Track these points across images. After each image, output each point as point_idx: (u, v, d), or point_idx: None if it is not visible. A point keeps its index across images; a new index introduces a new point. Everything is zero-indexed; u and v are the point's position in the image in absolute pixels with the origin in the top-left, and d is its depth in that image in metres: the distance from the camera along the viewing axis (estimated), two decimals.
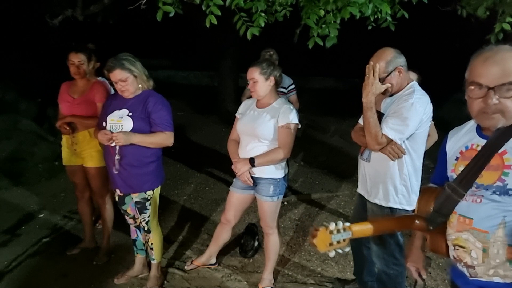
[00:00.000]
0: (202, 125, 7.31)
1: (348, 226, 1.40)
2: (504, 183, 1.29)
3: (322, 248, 1.36)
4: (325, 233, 1.36)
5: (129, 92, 2.61)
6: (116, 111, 2.63)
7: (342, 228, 1.37)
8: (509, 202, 1.28)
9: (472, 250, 1.35)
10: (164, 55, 11.68)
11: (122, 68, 2.54)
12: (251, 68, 2.67)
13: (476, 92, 1.30)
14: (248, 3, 2.57)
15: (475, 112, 1.34)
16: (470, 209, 1.36)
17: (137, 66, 2.60)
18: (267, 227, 2.86)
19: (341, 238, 1.36)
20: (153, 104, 2.60)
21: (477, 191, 1.35)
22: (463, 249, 1.38)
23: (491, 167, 1.33)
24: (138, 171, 2.64)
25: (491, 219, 1.31)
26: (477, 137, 1.43)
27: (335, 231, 1.36)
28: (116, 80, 2.56)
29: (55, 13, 4.34)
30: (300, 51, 3.21)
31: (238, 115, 2.88)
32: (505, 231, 1.28)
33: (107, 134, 2.52)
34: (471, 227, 1.35)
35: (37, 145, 5.65)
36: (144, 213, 2.75)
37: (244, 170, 2.65)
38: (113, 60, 2.57)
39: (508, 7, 2.95)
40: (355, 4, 2.45)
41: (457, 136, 1.54)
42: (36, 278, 3.00)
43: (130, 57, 2.61)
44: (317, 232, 1.37)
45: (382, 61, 2.21)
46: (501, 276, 1.32)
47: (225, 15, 2.57)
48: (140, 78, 2.62)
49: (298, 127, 2.69)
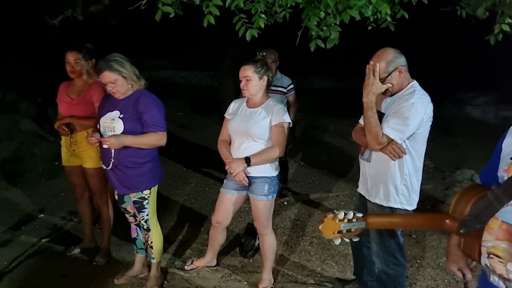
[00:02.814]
0: (202, 125, 7.31)
1: (361, 216, 1.39)
2: None
3: (327, 234, 1.37)
4: (333, 220, 1.36)
5: (120, 93, 2.61)
6: (108, 113, 2.63)
7: (354, 217, 1.36)
8: None
9: (509, 262, 1.24)
10: (164, 55, 11.69)
11: (110, 69, 2.53)
12: (245, 66, 2.68)
13: None
14: (248, 4, 2.57)
15: None
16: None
17: (126, 67, 2.59)
18: (262, 227, 2.85)
19: (352, 227, 1.36)
20: (144, 104, 2.59)
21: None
22: (499, 259, 1.26)
23: None
24: (133, 172, 2.64)
25: None
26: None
27: (345, 220, 1.36)
28: (106, 81, 2.56)
29: (55, 13, 4.33)
30: (300, 51, 3.21)
31: (228, 115, 2.86)
32: None
33: (93, 138, 2.54)
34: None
35: (37, 145, 5.65)
36: (142, 212, 2.75)
37: (239, 170, 2.64)
38: (102, 61, 2.57)
39: (507, 8, 2.95)
40: (355, 7, 2.45)
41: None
42: (36, 278, 3.00)
43: (118, 58, 2.59)
44: (325, 218, 1.37)
45: (383, 61, 2.21)
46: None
47: (224, 15, 2.57)
48: (130, 78, 2.61)
49: (290, 126, 2.73)
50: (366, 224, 1.40)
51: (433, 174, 5.30)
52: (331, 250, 3.50)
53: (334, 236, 1.36)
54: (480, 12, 3.08)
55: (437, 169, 5.48)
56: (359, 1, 2.48)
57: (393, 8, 2.90)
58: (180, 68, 11.50)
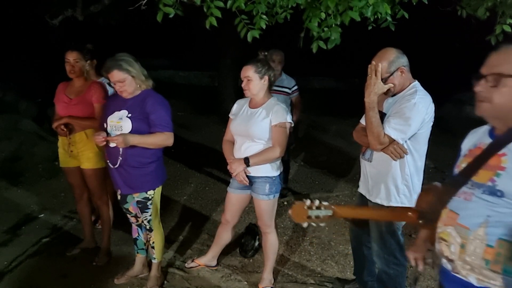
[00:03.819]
0: (202, 125, 7.31)
1: (328, 205, 1.58)
2: (494, 184, 1.30)
3: (297, 219, 1.58)
4: (301, 207, 1.57)
5: (128, 92, 2.61)
6: (116, 112, 2.63)
7: (321, 205, 1.56)
8: (496, 203, 1.29)
9: (452, 244, 1.38)
10: (164, 55, 11.69)
11: (119, 68, 2.54)
12: (246, 67, 2.68)
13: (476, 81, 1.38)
14: (249, 5, 2.57)
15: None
16: (460, 205, 1.39)
17: (135, 67, 2.60)
18: (265, 226, 2.87)
19: (320, 214, 1.56)
20: (151, 104, 2.60)
21: (471, 189, 1.37)
22: (445, 242, 1.41)
23: (488, 167, 1.34)
24: (138, 172, 2.64)
25: (475, 217, 1.33)
26: (487, 137, 1.45)
27: (313, 207, 1.56)
28: (114, 81, 2.57)
29: (55, 13, 4.33)
30: (300, 51, 3.21)
31: (231, 116, 2.88)
32: (486, 230, 1.30)
33: (100, 136, 2.53)
34: (456, 222, 1.38)
35: (37, 145, 5.65)
36: (145, 212, 2.75)
37: (239, 170, 2.66)
38: (111, 60, 2.57)
39: (508, 8, 2.94)
40: (356, 8, 2.45)
41: (473, 135, 1.56)
42: (36, 278, 3.00)
43: (128, 57, 2.60)
44: (293, 205, 1.59)
45: (385, 61, 2.21)
46: (476, 276, 1.33)
47: (225, 16, 2.57)
48: (138, 78, 2.61)
49: (291, 125, 2.72)
50: (333, 213, 1.58)
51: (433, 174, 5.29)
52: (331, 250, 3.50)
53: (304, 220, 1.57)
54: (481, 12, 3.07)
55: (437, 169, 5.48)
56: (359, 2, 2.48)
57: (393, 8, 2.90)
58: (180, 68, 11.50)
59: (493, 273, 1.29)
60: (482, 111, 1.38)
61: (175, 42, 11.15)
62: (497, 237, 1.28)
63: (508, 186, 1.28)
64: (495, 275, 1.29)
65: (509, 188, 1.27)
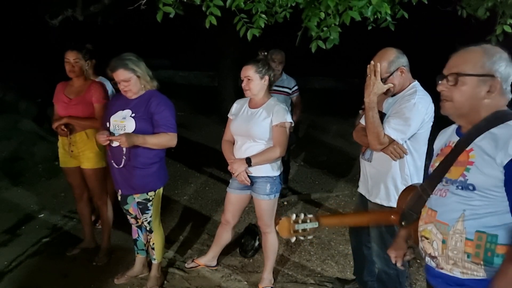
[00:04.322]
0: (202, 125, 7.31)
1: (313, 217, 1.60)
2: (465, 178, 1.35)
3: (283, 234, 1.59)
4: (287, 222, 1.57)
5: (132, 92, 2.61)
6: (119, 112, 2.62)
7: (307, 218, 1.58)
8: (470, 196, 1.34)
9: (434, 241, 1.43)
10: (164, 55, 11.68)
11: (125, 68, 2.54)
12: (246, 66, 2.68)
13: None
14: (248, 4, 2.57)
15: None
16: (437, 202, 1.44)
17: (141, 67, 2.60)
18: (265, 226, 2.87)
19: (306, 227, 1.57)
20: (156, 104, 2.59)
21: (445, 186, 1.43)
22: (427, 240, 1.45)
23: (458, 163, 1.40)
24: (140, 172, 2.63)
25: (452, 212, 1.38)
26: (455, 135, 1.51)
27: (299, 221, 1.57)
28: (119, 80, 2.56)
29: (55, 13, 4.34)
30: (300, 51, 3.21)
31: (231, 116, 2.88)
32: (464, 224, 1.35)
33: (103, 135, 2.52)
34: (435, 219, 1.43)
35: (37, 145, 5.64)
36: (146, 213, 2.75)
37: (241, 170, 2.66)
38: (116, 60, 2.56)
39: (508, 8, 2.94)
40: (356, 7, 2.45)
41: (443, 135, 1.63)
42: (36, 278, 3.00)
43: (134, 57, 2.60)
44: (279, 221, 1.60)
45: (385, 61, 2.21)
46: (460, 270, 1.37)
47: (225, 15, 2.57)
48: (143, 78, 2.61)
49: (292, 125, 2.73)
50: (319, 224, 1.59)
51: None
52: (331, 250, 3.50)
53: (291, 235, 1.57)
54: (481, 12, 3.07)
55: None
56: (359, 2, 2.48)
57: (393, 8, 2.90)
58: (180, 68, 11.51)
59: (475, 265, 1.34)
60: (445, 110, 1.44)
61: (175, 42, 11.15)
62: (474, 229, 1.33)
63: (478, 179, 1.33)
64: (478, 267, 1.34)
65: (479, 181, 1.32)
